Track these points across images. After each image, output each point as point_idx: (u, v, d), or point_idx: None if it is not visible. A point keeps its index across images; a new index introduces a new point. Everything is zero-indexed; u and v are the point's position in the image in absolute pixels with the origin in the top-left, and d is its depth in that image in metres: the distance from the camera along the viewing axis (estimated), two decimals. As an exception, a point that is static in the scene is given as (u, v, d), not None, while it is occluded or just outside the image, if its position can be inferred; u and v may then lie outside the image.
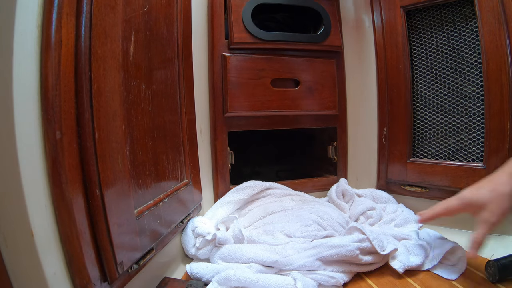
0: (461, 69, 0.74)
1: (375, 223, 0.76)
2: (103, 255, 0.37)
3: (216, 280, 0.51)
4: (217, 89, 0.82)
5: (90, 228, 0.36)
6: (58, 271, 0.32)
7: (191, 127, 0.71)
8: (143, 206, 0.47)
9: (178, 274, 0.61)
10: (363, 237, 0.59)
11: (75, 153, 0.35)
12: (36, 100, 0.31)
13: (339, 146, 0.96)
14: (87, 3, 0.36)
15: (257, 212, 0.76)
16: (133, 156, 0.46)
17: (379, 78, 0.87)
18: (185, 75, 0.68)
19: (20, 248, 0.30)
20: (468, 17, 0.72)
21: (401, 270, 0.56)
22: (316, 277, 0.54)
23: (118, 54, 0.41)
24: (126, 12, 0.44)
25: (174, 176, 0.61)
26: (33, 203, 0.30)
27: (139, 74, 0.48)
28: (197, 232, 0.65)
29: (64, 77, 0.33)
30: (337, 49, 0.92)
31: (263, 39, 0.84)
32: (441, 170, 0.75)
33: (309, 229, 0.66)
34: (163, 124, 0.57)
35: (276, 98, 0.86)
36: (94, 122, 0.36)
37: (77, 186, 0.34)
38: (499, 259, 0.52)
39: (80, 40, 0.35)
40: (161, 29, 0.57)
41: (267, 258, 0.56)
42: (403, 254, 0.59)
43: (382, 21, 0.85)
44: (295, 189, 0.88)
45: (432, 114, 0.79)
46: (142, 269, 0.47)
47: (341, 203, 0.84)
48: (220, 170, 0.84)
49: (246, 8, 0.83)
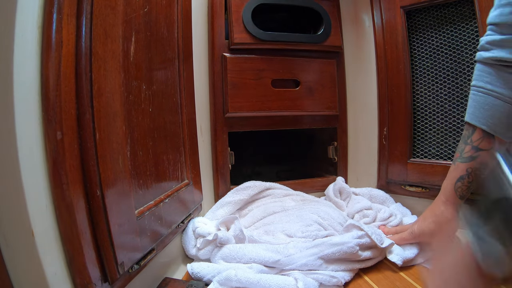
0: (461, 69, 0.74)
1: (369, 223, 0.76)
2: (104, 255, 0.37)
3: (217, 280, 0.51)
4: (217, 90, 0.82)
5: (91, 228, 0.36)
6: (59, 271, 0.32)
7: (191, 128, 0.71)
8: (143, 206, 0.47)
9: (179, 275, 0.61)
10: (362, 233, 0.60)
11: (76, 154, 0.35)
12: (36, 101, 0.31)
13: (339, 146, 0.96)
14: (88, 4, 0.36)
15: (257, 213, 0.76)
16: (134, 156, 0.46)
17: (379, 78, 0.87)
18: (185, 75, 0.68)
19: (21, 248, 0.30)
20: (468, 17, 0.72)
21: (399, 262, 0.58)
22: (318, 277, 0.54)
23: (118, 54, 0.42)
24: (126, 13, 0.44)
25: (175, 177, 0.61)
26: (34, 203, 0.30)
27: (139, 74, 0.48)
28: (197, 232, 0.65)
29: (64, 77, 0.33)
30: (337, 49, 0.92)
31: (263, 40, 0.84)
32: (442, 170, 0.75)
33: (310, 229, 0.66)
34: (164, 124, 0.57)
35: (276, 98, 0.86)
36: (95, 123, 0.36)
37: (77, 187, 0.34)
38: None
39: (81, 41, 0.35)
40: (161, 29, 0.57)
41: (269, 257, 0.56)
42: (398, 248, 0.62)
43: (382, 21, 0.85)
44: (295, 189, 0.88)
45: (432, 114, 0.79)
46: (143, 269, 0.47)
47: (339, 201, 0.84)
48: (221, 170, 0.84)
49: (246, 8, 0.83)
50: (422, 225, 0.61)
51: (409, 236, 0.62)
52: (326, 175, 0.98)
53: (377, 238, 0.60)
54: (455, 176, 0.58)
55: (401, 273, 0.58)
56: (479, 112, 0.53)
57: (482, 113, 0.53)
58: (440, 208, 0.59)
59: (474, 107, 0.54)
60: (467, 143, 0.56)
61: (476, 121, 0.54)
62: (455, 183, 0.58)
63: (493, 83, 0.51)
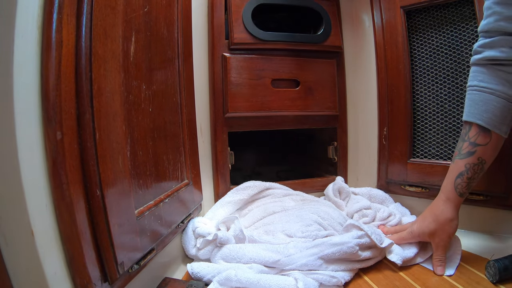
0: (461, 69, 0.74)
1: (369, 222, 0.76)
2: (104, 255, 0.37)
3: (217, 280, 0.51)
4: (217, 89, 0.82)
5: (91, 228, 0.36)
6: (59, 271, 0.32)
7: (191, 128, 0.71)
8: (143, 206, 0.47)
9: (179, 275, 0.61)
10: (362, 233, 0.60)
11: (76, 154, 0.35)
12: (36, 101, 0.31)
13: (339, 146, 0.96)
14: (88, 4, 0.36)
15: (257, 213, 0.76)
16: (134, 156, 0.46)
17: (379, 78, 0.87)
18: (185, 75, 0.68)
19: (21, 248, 0.30)
20: (468, 17, 0.72)
21: (399, 262, 0.58)
22: (318, 277, 0.54)
23: (118, 54, 0.42)
24: (126, 13, 0.44)
25: (175, 176, 0.61)
26: (34, 203, 0.30)
27: (139, 74, 0.48)
28: (197, 232, 0.65)
29: (64, 77, 0.33)
30: (337, 49, 0.92)
31: (263, 39, 0.84)
32: (441, 170, 0.75)
33: (310, 229, 0.66)
34: (164, 124, 0.57)
35: (276, 98, 0.86)
36: (95, 123, 0.36)
37: (77, 186, 0.34)
38: (499, 259, 0.52)
39: (81, 41, 0.35)
40: (161, 29, 0.57)
41: (269, 257, 0.56)
42: (398, 248, 0.62)
43: (382, 21, 0.85)
44: (295, 189, 0.88)
45: (432, 114, 0.79)
46: (143, 269, 0.47)
47: (338, 201, 0.84)
48: (221, 170, 0.84)
49: (246, 8, 0.83)
50: (421, 225, 0.61)
51: (409, 235, 0.62)
52: (326, 175, 0.98)
53: (377, 238, 0.60)
54: (454, 174, 0.58)
55: (401, 273, 0.58)
56: (474, 109, 0.56)
57: (477, 109, 0.55)
58: (440, 207, 0.59)
59: (469, 106, 0.57)
60: (464, 140, 0.58)
61: (472, 117, 0.56)
62: (455, 180, 0.58)
63: (486, 81, 0.54)
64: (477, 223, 0.71)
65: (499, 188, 0.66)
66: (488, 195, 0.68)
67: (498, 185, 0.66)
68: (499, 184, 0.66)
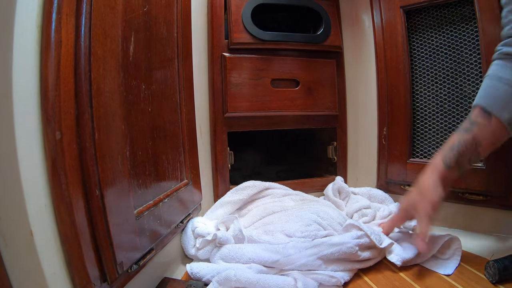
0: (461, 69, 0.74)
1: (368, 222, 0.76)
2: (103, 255, 0.37)
3: (217, 280, 0.51)
4: (217, 89, 0.82)
5: (90, 228, 0.36)
6: (58, 271, 0.32)
7: (191, 127, 0.71)
8: (143, 206, 0.47)
9: (178, 275, 0.61)
10: (361, 233, 0.60)
11: (75, 153, 0.35)
12: (35, 100, 0.31)
13: (339, 146, 0.96)
14: (87, 3, 0.36)
15: (257, 212, 0.76)
16: (133, 156, 0.46)
17: (379, 78, 0.87)
18: (185, 75, 0.68)
19: (20, 248, 0.30)
20: (468, 17, 0.72)
21: (399, 263, 0.58)
22: (317, 277, 0.54)
23: (117, 54, 0.41)
24: (126, 12, 0.44)
25: (174, 176, 0.61)
26: (33, 203, 0.30)
27: (139, 74, 0.48)
28: (197, 232, 0.65)
29: (63, 77, 0.33)
30: (337, 49, 0.92)
31: (263, 39, 0.84)
32: (441, 170, 0.75)
33: (309, 229, 0.66)
34: (163, 124, 0.57)
35: (276, 98, 0.86)
36: (94, 123, 0.36)
37: (76, 186, 0.34)
38: (499, 260, 0.52)
39: (80, 40, 0.35)
40: (161, 29, 0.57)
41: (268, 257, 0.56)
42: (397, 248, 0.61)
43: (382, 21, 0.85)
44: (295, 189, 0.88)
45: (432, 114, 0.79)
46: (142, 269, 0.47)
47: (337, 200, 0.84)
48: (220, 170, 0.84)
49: (246, 8, 0.83)
50: (407, 198, 0.61)
51: (398, 213, 0.64)
52: (325, 175, 0.98)
53: (376, 238, 0.60)
54: (446, 146, 0.59)
55: (401, 273, 0.58)
56: (480, 93, 0.57)
57: (482, 93, 0.57)
58: (424, 176, 0.59)
59: (479, 92, 0.58)
60: (465, 120, 0.58)
61: (477, 101, 0.57)
62: (445, 152, 0.58)
63: (497, 70, 0.56)
64: (477, 223, 0.71)
65: (499, 188, 0.66)
66: (488, 195, 0.68)
67: (498, 185, 0.66)
68: (499, 184, 0.66)
